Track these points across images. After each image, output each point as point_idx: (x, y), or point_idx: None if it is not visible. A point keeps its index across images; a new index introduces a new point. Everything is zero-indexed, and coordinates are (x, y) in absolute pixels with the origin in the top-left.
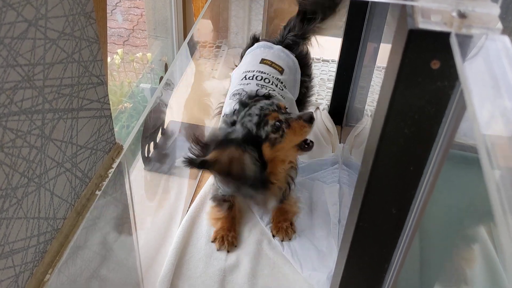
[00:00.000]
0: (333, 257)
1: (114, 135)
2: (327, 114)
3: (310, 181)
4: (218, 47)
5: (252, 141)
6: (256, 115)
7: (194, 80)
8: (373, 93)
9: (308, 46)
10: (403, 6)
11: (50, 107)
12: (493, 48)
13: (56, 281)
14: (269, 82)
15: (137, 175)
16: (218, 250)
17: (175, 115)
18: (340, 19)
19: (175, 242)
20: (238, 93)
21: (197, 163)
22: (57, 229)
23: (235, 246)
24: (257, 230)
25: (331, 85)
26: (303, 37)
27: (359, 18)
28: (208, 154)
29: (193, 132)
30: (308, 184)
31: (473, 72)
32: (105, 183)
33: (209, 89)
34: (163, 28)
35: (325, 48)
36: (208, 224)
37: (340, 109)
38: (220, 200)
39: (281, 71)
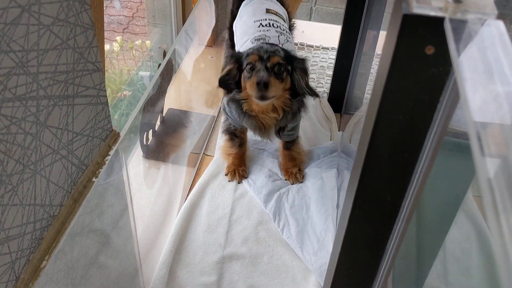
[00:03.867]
0: (332, 241)
1: (111, 122)
2: (327, 101)
3: (308, 169)
4: (217, 33)
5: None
6: (253, 48)
7: (193, 67)
8: (372, 80)
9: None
10: None
11: (45, 94)
12: (488, 33)
13: (53, 268)
14: (284, 30)
15: (136, 163)
16: (230, 181)
17: (173, 102)
18: (341, 5)
19: (173, 229)
20: (261, 38)
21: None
22: (54, 216)
23: (246, 178)
24: (256, 214)
25: (331, 72)
26: None
27: (359, 5)
28: None
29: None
30: (307, 172)
31: (466, 58)
32: (102, 170)
33: (208, 76)
34: (162, 15)
35: (325, 35)
36: (207, 212)
37: (339, 97)
38: (232, 134)
39: (284, 20)
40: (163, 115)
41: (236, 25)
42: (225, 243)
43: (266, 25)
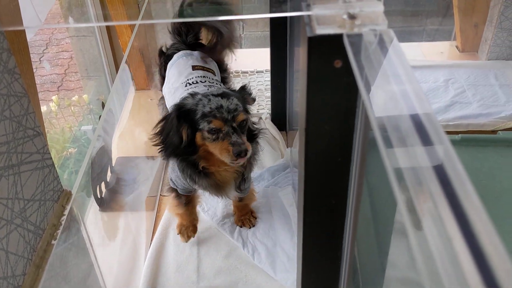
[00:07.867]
0: None
1: (61, 182)
2: (271, 122)
3: (266, 188)
4: (152, 75)
5: (191, 119)
6: (210, 108)
7: (134, 112)
8: None
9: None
10: (301, 16)
11: None
12: (382, 41)
13: None
14: (214, 82)
15: (94, 218)
16: (184, 242)
17: (121, 150)
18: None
19: (144, 276)
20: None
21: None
22: (19, 286)
23: (195, 234)
24: (223, 245)
25: (269, 94)
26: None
27: (282, 27)
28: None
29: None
30: (264, 192)
31: (367, 64)
32: (59, 231)
33: (150, 118)
34: (94, 67)
35: (257, 59)
36: (174, 252)
37: (281, 116)
38: (177, 192)
39: (213, 73)
40: (113, 165)
41: (164, 90)
42: (198, 279)
43: (193, 82)
